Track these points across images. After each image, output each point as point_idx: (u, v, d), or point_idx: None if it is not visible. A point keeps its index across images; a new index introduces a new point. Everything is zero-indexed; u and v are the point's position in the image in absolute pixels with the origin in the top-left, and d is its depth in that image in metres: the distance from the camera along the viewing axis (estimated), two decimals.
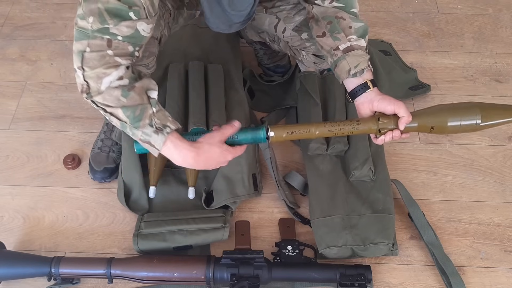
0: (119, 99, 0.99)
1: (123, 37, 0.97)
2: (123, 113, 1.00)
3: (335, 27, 1.15)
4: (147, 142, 1.03)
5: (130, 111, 1.00)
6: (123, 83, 0.99)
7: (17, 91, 1.65)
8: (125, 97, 0.99)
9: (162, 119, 1.03)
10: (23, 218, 1.37)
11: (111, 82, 0.98)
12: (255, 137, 1.10)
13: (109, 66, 0.97)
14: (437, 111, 1.12)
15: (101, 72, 0.97)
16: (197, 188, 1.34)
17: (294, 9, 1.32)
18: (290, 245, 1.25)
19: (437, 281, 1.25)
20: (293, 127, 1.11)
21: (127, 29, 0.96)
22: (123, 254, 1.29)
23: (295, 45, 1.37)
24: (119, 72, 0.98)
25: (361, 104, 1.12)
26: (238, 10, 0.99)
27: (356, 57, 1.11)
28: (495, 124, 1.12)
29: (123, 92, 0.99)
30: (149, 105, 1.02)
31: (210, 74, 1.51)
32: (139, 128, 1.01)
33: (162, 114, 1.04)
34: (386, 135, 1.10)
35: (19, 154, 1.49)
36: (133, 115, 1.00)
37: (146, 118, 1.01)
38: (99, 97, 0.99)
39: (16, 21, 1.86)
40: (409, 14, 1.91)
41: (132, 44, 0.99)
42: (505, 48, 1.79)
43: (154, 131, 1.01)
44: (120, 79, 0.99)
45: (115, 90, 0.98)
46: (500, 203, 1.39)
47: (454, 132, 1.12)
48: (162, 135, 1.01)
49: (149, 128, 1.01)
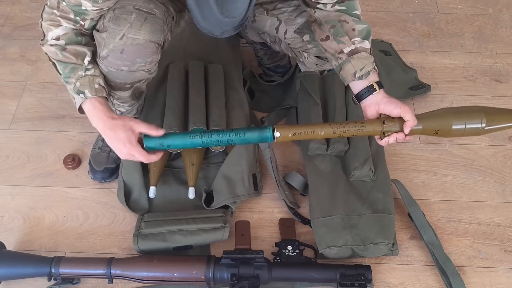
0: (56, 53, 1.11)
1: (67, 3, 1.06)
2: (58, 66, 1.13)
3: (339, 31, 1.14)
4: (73, 98, 1.14)
5: (63, 66, 1.11)
6: (58, 43, 1.10)
7: (17, 91, 1.65)
8: (61, 54, 1.11)
9: (84, 84, 1.11)
10: (23, 218, 1.37)
11: (51, 38, 1.10)
12: (262, 136, 1.09)
13: (52, 23, 1.09)
14: (441, 114, 1.12)
15: (47, 26, 1.10)
16: (197, 188, 1.34)
17: (295, 11, 1.31)
18: (290, 245, 1.25)
19: (437, 281, 1.25)
20: (299, 127, 1.10)
21: (74, 1, 1.05)
22: (123, 254, 1.29)
23: (297, 46, 1.36)
24: (58, 32, 1.09)
25: (368, 106, 1.12)
26: (231, 17, 0.99)
27: (361, 60, 1.11)
28: (499, 128, 1.11)
29: (57, 50, 1.10)
30: (80, 67, 1.11)
31: (210, 74, 1.51)
32: (68, 84, 1.12)
33: (88, 79, 1.11)
34: (390, 137, 1.10)
35: (19, 154, 1.50)
36: (64, 70, 1.12)
37: (74, 78, 1.11)
38: (44, 47, 1.12)
39: (16, 21, 1.86)
40: (409, 14, 1.91)
41: (74, 12, 1.08)
42: (505, 48, 1.79)
43: (76, 91, 1.11)
44: (57, 39, 1.10)
45: (52, 46, 1.10)
46: (500, 203, 1.39)
47: (458, 135, 1.12)
48: (79, 98, 1.11)
49: (72, 86, 1.12)
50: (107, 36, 1.09)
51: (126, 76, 1.17)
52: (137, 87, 1.24)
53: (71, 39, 1.10)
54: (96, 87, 1.11)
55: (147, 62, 1.16)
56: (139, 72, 1.17)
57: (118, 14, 1.08)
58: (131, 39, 1.09)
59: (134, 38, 1.10)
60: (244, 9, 0.99)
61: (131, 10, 1.09)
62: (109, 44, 1.10)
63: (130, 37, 1.09)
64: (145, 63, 1.15)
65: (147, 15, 1.10)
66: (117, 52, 1.10)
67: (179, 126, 1.36)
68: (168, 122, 1.36)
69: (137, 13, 1.09)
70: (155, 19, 1.11)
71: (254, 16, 1.36)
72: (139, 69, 1.16)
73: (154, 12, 1.12)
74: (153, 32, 1.11)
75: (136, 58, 1.13)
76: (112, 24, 1.08)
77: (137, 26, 1.09)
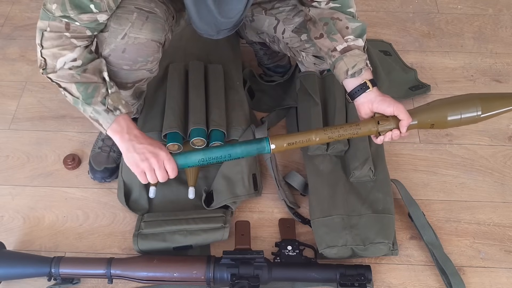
0: (73, 76, 1.05)
1: (81, 23, 1.02)
2: (76, 89, 1.06)
3: (332, 28, 1.15)
4: (95, 120, 1.08)
5: (83, 87, 1.05)
6: (76, 64, 1.04)
7: (17, 91, 1.65)
8: (78, 75, 1.05)
9: (115, 101, 1.07)
10: (23, 218, 1.37)
11: (65, 63, 1.03)
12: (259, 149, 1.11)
13: (64, 48, 1.03)
14: (436, 106, 1.12)
15: (57, 52, 1.03)
16: (197, 188, 1.34)
17: (293, 10, 1.32)
18: (290, 245, 1.25)
19: (437, 281, 1.25)
20: (293, 136, 1.11)
21: (88, 19, 1.01)
22: (123, 254, 1.29)
23: (295, 46, 1.36)
24: (73, 55, 1.04)
25: (361, 104, 1.12)
26: (228, 17, 1.00)
27: (354, 57, 1.11)
28: (496, 114, 1.11)
29: (76, 72, 1.05)
30: (102, 84, 1.07)
31: (210, 74, 1.51)
32: (91, 104, 1.06)
33: (116, 96, 1.08)
34: (386, 135, 1.10)
35: (19, 154, 1.50)
36: (85, 92, 1.06)
37: (99, 96, 1.06)
38: (53, 75, 1.05)
39: (16, 21, 1.86)
40: (409, 14, 1.91)
41: (90, 29, 1.04)
42: (505, 48, 1.79)
43: (104, 110, 1.06)
44: (74, 61, 1.04)
45: (69, 70, 1.04)
46: (500, 203, 1.39)
47: (455, 125, 1.12)
48: (112, 115, 1.07)
49: (101, 106, 1.07)
50: (109, 36, 1.09)
51: (127, 75, 1.17)
52: (138, 86, 1.24)
53: (87, 58, 1.07)
54: (123, 102, 1.09)
55: (148, 61, 1.16)
56: (141, 71, 1.17)
57: (120, 13, 1.08)
58: (132, 38, 1.09)
59: (135, 37, 1.09)
60: (240, 10, 1.00)
61: (132, 9, 1.09)
62: (111, 44, 1.10)
63: (132, 36, 1.09)
64: (147, 62, 1.15)
65: (148, 14, 1.10)
66: (119, 51, 1.10)
67: (179, 126, 1.36)
68: (168, 122, 1.36)
69: (138, 13, 1.09)
70: (156, 18, 1.11)
71: (252, 15, 1.37)
72: (140, 68, 1.16)
73: (155, 11, 1.12)
74: (155, 31, 1.11)
75: (137, 57, 1.13)
76: (113, 24, 1.08)
77: (138, 26, 1.09)
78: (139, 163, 1.08)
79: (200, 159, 1.10)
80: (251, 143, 1.11)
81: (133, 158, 1.08)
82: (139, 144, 1.08)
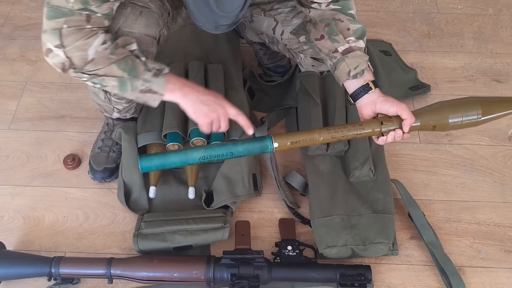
0: (109, 58, 1.03)
1: (102, 14, 1.01)
2: (118, 67, 1.03)
3: (333, 30, 1.14)
4: (148, 91, 1.06)
5: (123, 63, 1.04)
6: (107, 46, 1.03)
7: (17, 91, 1.65)
8: (113, 54, 1.03)
9: (154, 63, 1.07)
10: (23, 218, 1.37)
11: (97, 50, 1.01)
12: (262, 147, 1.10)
13: (88, 37, 1.00)
14: (438, 109, 1.12)
15: (83, 43, 1.00)
16: (197, 188, 1.34)
17: (292, 12, 1.32)
18: (290, 245, 1.25)
19: (437, 281, 1.25)
20: (297, 135, 1.10)
21: (107, 9, 1.01)
22: (123, 254, 1.29)
23: (293, 47, 1.36)
24: (100, 39, 1.02)
25: (364, 106, 1.12)
26: (226, 11, 0.99)
27: (355, 58, 1.11)
28: (496, 117, 1.12)
29: (111, 51, 1.03)
30: (133, 56, 1.06)
31: (210, 74, 1.51)
32: (138, 76, 1.05)
33: (151, 60, 1.08)
34: (388, 136, 1.10)
35: (19, 154, 1.50)
36: (127, 66, 1.04)
37: (141, 65, 1.05)
38: (89, 65, 1.02)
39: (16, 21, 1.86)
40: (409, 14, 1.91)
41: (108, 19, 1.04)
42: (505, 48, 1.79)
43: (153, 75, 1.06)
44: (104, 43, 1.02)
45: (103, 52, 1.02)
46: (500, 203, 1.39)
47: (456, 128, 1.13)
48: (162, 76, 1.06)
49: (147, 73, 1.05)
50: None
51: None
52: None
53: (111, 37, 1.05)
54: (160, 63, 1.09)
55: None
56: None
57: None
58: (126, 32, 1.08)
59: (129, 32, 1.09)
60: (239, 6, 0.99)
61: (125, 4, 1.08)
62: None
63: (126, 30, 1.08)
64: None
65: (142, 9, 1.10)
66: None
67: (179, 126, 1.35)
68: (168, 122, 1.36)
69: (132, 7, 1.09)
70: (150, 13, 1.11)
71: (251, 16, 1.37)
72: None
73: (149, 6, 1.11)
74: (148, 26, 1.11)
75: None
76: None
77: (132, 20, 1.08)
78: (209, 113, 1.10)
79: (201, 156, 1.09)
80: (254, 141, 1.11)
81: (201, 110, 1.09)
82: (204, 96, 1.10)
